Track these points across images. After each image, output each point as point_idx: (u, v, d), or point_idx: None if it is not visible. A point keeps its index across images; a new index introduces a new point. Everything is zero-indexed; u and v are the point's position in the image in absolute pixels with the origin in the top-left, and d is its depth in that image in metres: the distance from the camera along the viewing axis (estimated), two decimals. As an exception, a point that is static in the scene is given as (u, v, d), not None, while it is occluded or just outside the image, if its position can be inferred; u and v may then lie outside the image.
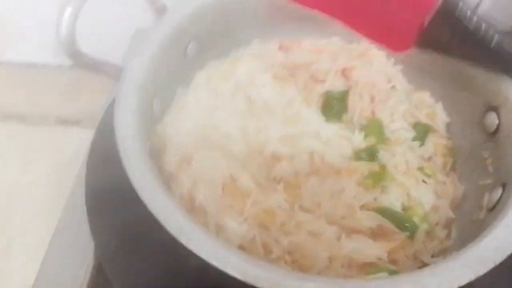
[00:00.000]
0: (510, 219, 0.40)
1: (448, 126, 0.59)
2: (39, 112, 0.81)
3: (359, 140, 0.53)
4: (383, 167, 0.50)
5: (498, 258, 0.37)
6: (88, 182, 0.54)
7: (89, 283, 0.54)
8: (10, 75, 0.86)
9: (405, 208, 0.49)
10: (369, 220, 0.46)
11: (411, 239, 0.47)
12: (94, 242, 0.51)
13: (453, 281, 0.36)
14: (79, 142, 0.69)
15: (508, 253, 0.38)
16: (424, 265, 0.47)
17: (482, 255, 0.38)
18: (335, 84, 0.58)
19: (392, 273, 0.44)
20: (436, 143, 0.56)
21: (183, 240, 0.38)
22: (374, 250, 0.44)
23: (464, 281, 0.36)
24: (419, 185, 0.51)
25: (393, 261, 0.45)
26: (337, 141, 0.52)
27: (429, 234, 0.48)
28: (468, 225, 0.49)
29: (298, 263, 0.45)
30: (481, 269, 0.36)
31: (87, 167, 0.56)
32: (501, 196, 0.46)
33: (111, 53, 0.55)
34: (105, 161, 0.49)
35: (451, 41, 0.43)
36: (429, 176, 0.52)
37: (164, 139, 0.54)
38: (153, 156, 0.50)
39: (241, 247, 0.46)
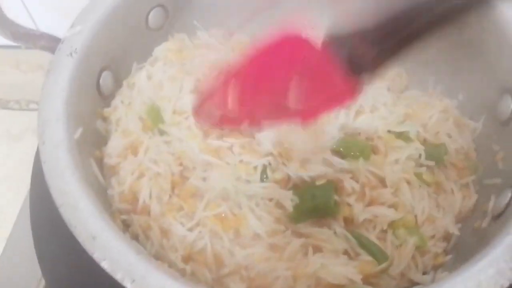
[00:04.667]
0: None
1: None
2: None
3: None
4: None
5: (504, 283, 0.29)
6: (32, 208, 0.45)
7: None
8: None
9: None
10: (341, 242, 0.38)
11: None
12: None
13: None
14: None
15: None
16: (412, 284, 0.38)
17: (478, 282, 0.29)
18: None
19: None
20: (452, 163, 0.45)
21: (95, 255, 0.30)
22: (346, 269, 0.36)
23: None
24: (414, 191, 0.41)
25: (370, 283, 0.37)
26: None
27: (420, 248, 0.39)
28: (469, 235, 0.40)
29: (256, 281, 0.37)
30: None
31: (31, 193, 0.47)
32: (510, 201, 0.37)
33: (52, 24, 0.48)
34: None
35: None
36: (428, 184, 0.42)
37: (111, 124, 0.46)
38: (90, 145, 0.42)
39: (189, 258, 0.39)
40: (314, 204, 0.39)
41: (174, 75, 0.47)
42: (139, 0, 0.49)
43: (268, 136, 0.41)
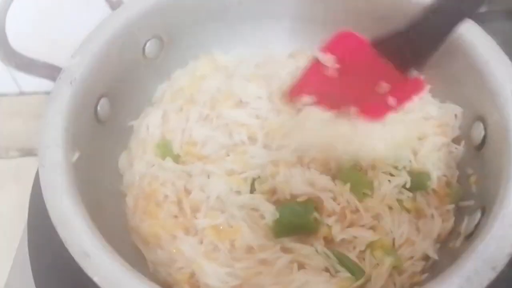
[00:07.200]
0: (479, 256, 0.34)
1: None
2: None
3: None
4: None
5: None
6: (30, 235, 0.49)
7: None
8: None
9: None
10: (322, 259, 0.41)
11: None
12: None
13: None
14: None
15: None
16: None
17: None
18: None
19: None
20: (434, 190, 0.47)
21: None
22: (328, 287, 0.38)
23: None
24: (394, 216, 0.43)
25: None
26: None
27: (397, 268, 0.41)
28: (444, 254, 0.42)
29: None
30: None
31: (30, 204, 0.50)
32: (478, 222, 0.39)
33: (55, 54, 0.51)
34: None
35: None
36: (408, 210, 0.44)
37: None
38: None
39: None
40: (294, 220, 0.41)
41: (180, 106, 0.51)
42: (136, 32, 0.52)
43: (260, 152, 0.45)
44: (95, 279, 0.32)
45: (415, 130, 0.49)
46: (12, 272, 0.55)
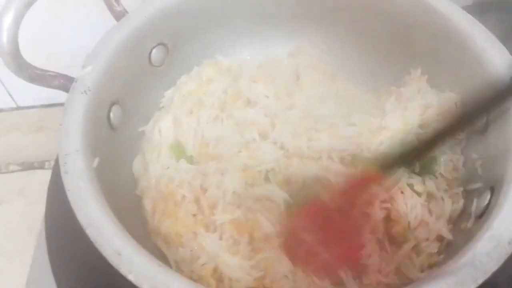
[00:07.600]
0: (494, 232, 0.36)
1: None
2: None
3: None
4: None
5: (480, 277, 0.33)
6: (48, 227, 0.50)
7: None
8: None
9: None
10: None
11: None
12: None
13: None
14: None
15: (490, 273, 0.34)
16: (410, 281, 0.42)
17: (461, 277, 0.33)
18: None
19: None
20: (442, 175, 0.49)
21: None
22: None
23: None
24: (406, 198, 0.45)
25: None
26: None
27: (415, 248, 0.43)
28: (458, 235, 0.44)
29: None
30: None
31: (46, 212, 0.51)
32: (489, 202, 0.41)
33: (65, 65, 0.52)
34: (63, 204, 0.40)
35: None
36: (419, 194, 0.46)
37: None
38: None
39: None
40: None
41: (190, 109, 0.53)
42: (142, 40, 0.53)
43: (272, 147, 0.47)
44: (130, 276, 0.33)
45: (416, 119, 0.51)
46: (29, 283, 0.56)
